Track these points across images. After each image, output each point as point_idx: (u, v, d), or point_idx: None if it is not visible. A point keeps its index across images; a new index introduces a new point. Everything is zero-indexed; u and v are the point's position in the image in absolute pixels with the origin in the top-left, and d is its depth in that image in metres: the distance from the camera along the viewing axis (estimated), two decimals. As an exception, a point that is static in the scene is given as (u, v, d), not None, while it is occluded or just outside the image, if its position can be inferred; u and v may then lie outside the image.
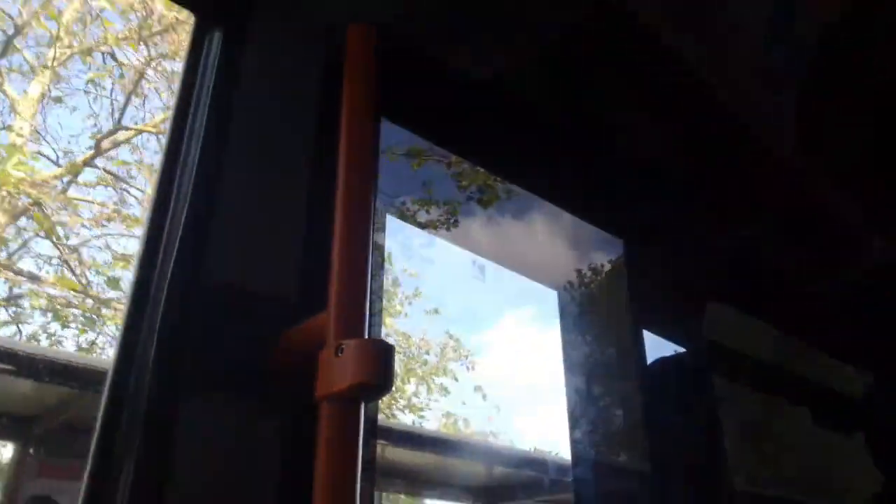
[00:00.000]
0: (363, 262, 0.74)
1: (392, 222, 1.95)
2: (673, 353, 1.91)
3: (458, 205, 1.92)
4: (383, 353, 0.66)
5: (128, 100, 10.01)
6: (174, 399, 0.75)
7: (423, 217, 1.94)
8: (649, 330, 1.89)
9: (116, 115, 10.19)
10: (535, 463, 7.90)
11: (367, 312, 0.71)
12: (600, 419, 2.12)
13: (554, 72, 1.57)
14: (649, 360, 1.84)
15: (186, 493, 0.72)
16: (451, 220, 1.96)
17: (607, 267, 2.04)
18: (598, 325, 2.02)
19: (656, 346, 1.93)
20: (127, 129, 10.11)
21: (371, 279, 0.81)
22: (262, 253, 0.90)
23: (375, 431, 1.10)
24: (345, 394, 0.66)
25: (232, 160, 0.93)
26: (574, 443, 2.09)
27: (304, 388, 0.72)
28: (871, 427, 2.67)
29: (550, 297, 2.13)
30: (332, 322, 0.70)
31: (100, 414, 0.77)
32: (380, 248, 1.35)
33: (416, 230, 1.93)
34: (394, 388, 0.70)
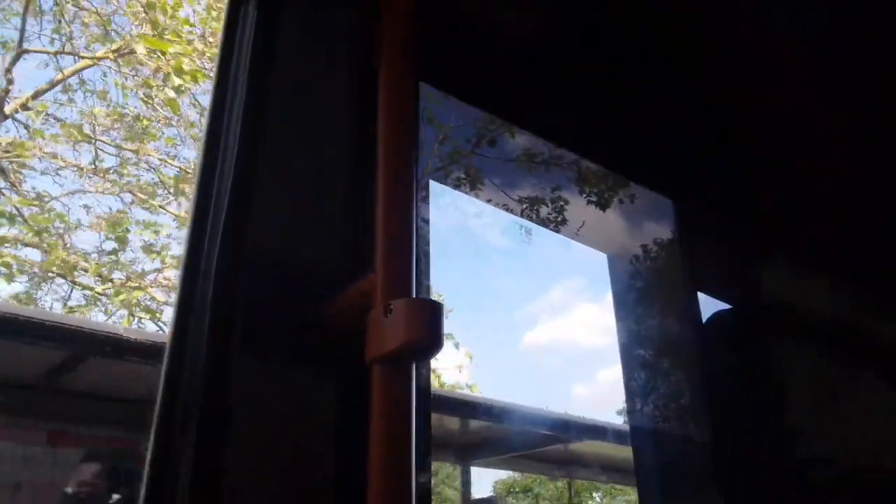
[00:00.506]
0: (408, 222, 0.73)
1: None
2: (731, 314, 1.86)
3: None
4: (432, 312, 0.65)
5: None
6: (229, 369, 0.76)
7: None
8: (704, 292, 1.85)
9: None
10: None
11: (414, 272, 0.70)
12: (657, 386, 2.09)
13: (599, 29, 1.53)
14: (705, 322, 1.80)
15: (246, 461, 0.73)
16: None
17: (659, 229, 1.99)
18: (650, 288, 1.97)
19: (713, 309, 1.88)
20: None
21: (418, 242, 0.80)
22: (309, 220, 0.90)
23: (429, 399, 1.09)
24: (395, 354, 0.65)
25: (273, 130, 0.93)
26: (632, 410, 2.07)
27: (356, 352, 0.72)
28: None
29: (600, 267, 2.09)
30: (379, 283, 0.70)
31: (160, 386, 0.79)
32: (426, 220, 1.34)
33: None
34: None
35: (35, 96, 10.86)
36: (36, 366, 5.48)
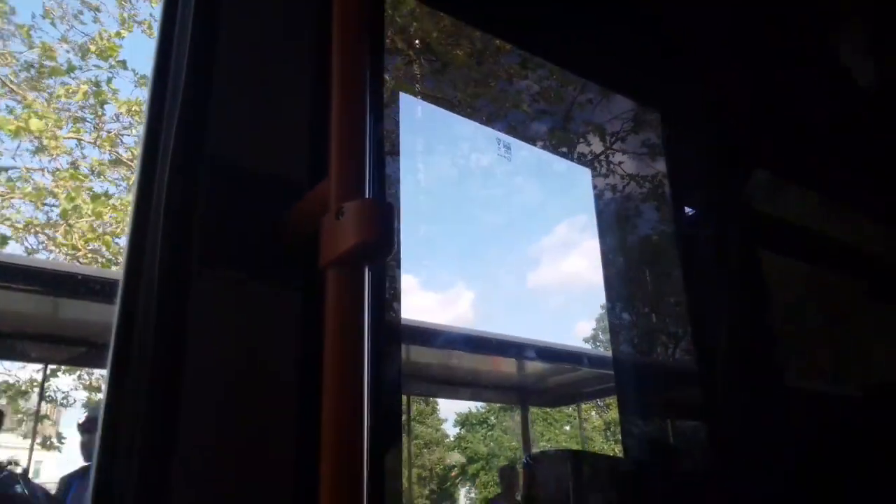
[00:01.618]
0: (360, 124, 0.70)
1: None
2: (714, 229, 1.84)
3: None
4: (382, 212, 0.63)
5: None
6: (187, 277, 0.74)
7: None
8: (689, 206, 1.82)
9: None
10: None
11: (367, 175, 0.67)
12: (641, 308, 2.09)
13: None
14: (690, 237, 1.78)
15: (204, 370, 0.72)
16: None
17: (641, 141, 1.95)
18: (634, 203, 1.95)
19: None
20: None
21: (375, 146, 0.77)
22: (266, 129, 0.86)
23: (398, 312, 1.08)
24: (347, 256, 0.63)
25: (228, 36, 0.88)
26: (614, 333, 2.07)
27: (314, 261, 0.70)
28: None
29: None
30: (332, 186, 0.67)
31: (118, 300, 0.77)
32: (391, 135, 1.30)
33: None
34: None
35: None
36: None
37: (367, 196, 0.67)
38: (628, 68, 1.73)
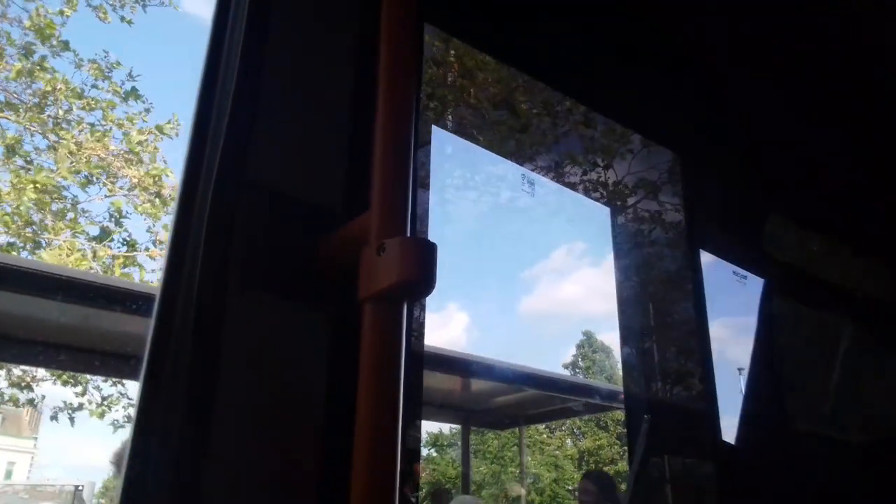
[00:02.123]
0: (405, 161, 0.72)
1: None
2: (731, 273, 1.85)
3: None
4: (425, 251, 0.65)
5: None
6: (223, 300, 0.76)
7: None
8: (705, 249, 1.84)
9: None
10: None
11: (409, 211, 0.69)
12: (656, 344, 2.10)
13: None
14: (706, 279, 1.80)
15: (236, 392, 0.74)
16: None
17: (661, 182, 1.97)
18: (652, 243, 1.97)
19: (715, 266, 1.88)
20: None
21: (415, 182, 0.79)
22: (308, 157, 0.89)
23: (422, 340, 1.10)
24: (387, 292, 0.65)
25: (273, 66, 0.91)
26: (627, 370, 2.08)
27: (349, 290, 0.72)
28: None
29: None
30: (374, 221, 0.69)
31: (153, 315, 0.79)
32: (424, 166, 1.33)
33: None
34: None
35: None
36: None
37: (407, 232, 0.69)
38: (646, 108, 1.76)
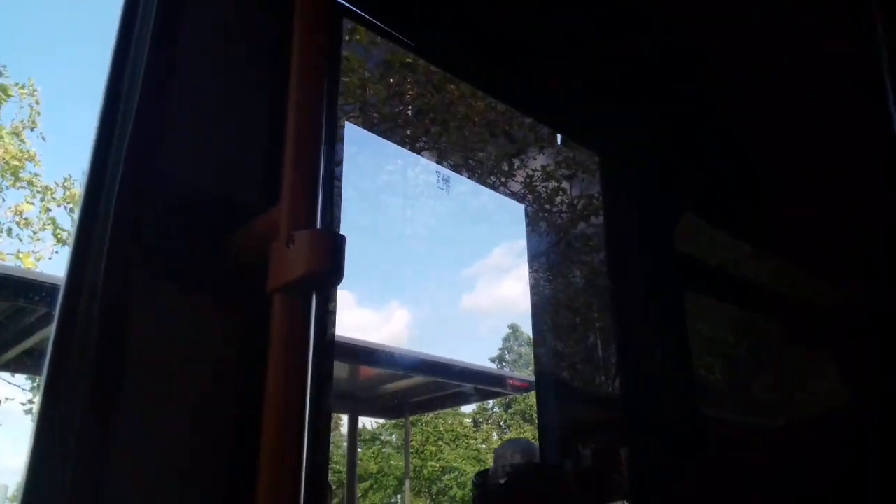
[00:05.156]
0: (315, 154, 0.73)
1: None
2: (641, 268, 1.93)
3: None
4: (334, 242, 0.66)
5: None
6: (127, 293, 0.75)
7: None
8: (622, 245, 1.91)
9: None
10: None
11: (319, 204, 0.70)
12: (568, 340, 2.16)
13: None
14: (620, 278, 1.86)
15: (143, 387, 0.73)
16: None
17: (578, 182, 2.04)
18: (566, 240, 2.03)
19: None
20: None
21: (326, 175, 0.80)
22: (220, 151, 0.88)
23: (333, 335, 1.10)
24: (295, 284, 0.66)
25: (184, 56, 0.90)
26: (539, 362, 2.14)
27: (260, 283, 0.72)
28: (840, 342, 2.74)
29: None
30: (283, 214, 0.70)
31: (57, 309, 0.77)
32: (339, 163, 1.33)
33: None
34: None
35: None
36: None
37: (317, 225, 0.70)
38: (570, 110, 1.81)
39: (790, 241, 2.26)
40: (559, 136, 2.19)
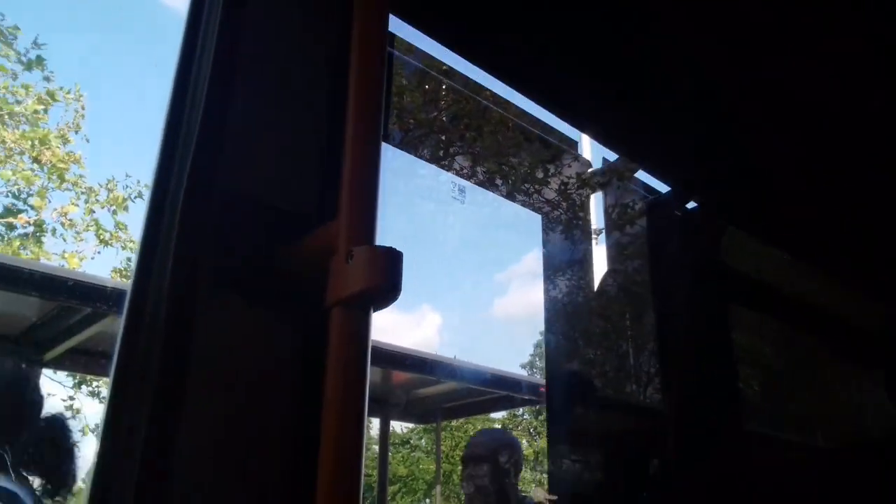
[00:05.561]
0: (373, 169, 0.75)
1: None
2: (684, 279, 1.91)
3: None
4: (392, 259, 0.68)
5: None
6: (193, 302, 0.77)
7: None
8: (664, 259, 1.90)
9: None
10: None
11: (377, 220, 0.72)
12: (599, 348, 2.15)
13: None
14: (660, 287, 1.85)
15: (206, 393, 0.75)
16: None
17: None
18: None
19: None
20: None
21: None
22: (278, 164, 0.90)
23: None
24: (354, 299, 0.68)
25: (244, 73, 0.93)
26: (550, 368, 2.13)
27: (316, 295, 0.74)
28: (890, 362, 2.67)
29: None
30: (342, 229, 0.71)
31: (123, 315, 0.80)
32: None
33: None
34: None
35: None
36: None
37: (375, 241, 0.71)
38: (602, 115, 1.81)
39: (836, 255, 2.23)
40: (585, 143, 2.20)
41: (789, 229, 2.17)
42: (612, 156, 2.22)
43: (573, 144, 2.22)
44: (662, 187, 2.02)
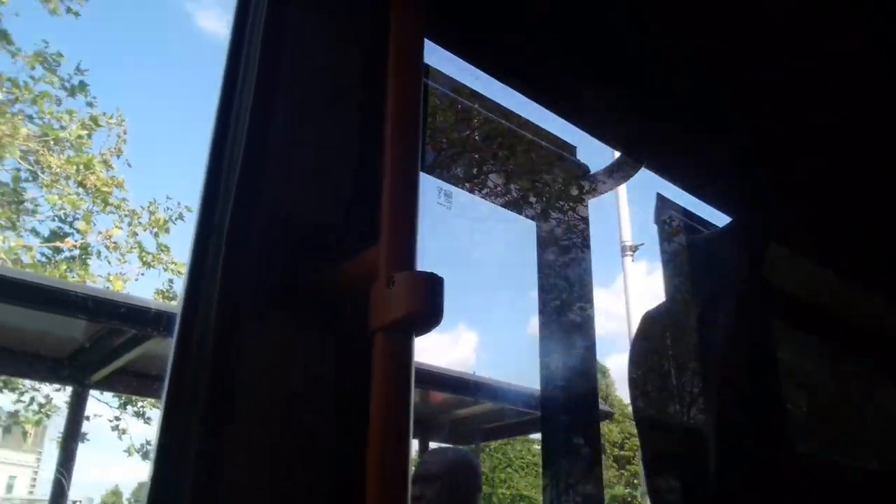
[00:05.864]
0: (412, 196, 0.76)
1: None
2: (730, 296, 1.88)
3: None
4: (433, 285, 0.68)
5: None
6: (239, 322, 0.79)
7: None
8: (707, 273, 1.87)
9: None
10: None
11: (417, 246, 0.73)
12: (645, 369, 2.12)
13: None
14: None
15: (253, 415, 0.77)
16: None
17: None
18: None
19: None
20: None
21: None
22: (319, 188, 0.92)
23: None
24: (396, 325, 0.68)
25: (285, 97, 0.95)
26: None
27: (357, 318, 0.75)
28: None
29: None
30: (383, 255, 0.72)
31: (174, 336, 0.82)
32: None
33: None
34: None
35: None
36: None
37: (416, 267, 0.72)
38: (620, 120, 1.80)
39: (835, 255, 2.17)
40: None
41: (789, 229, 2.13)
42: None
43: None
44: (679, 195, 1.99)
